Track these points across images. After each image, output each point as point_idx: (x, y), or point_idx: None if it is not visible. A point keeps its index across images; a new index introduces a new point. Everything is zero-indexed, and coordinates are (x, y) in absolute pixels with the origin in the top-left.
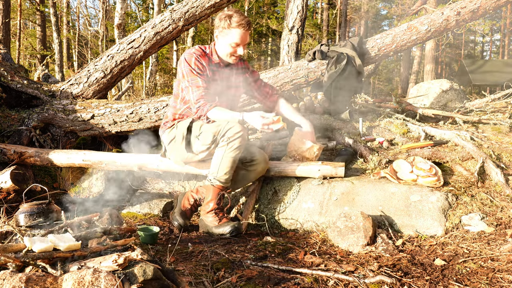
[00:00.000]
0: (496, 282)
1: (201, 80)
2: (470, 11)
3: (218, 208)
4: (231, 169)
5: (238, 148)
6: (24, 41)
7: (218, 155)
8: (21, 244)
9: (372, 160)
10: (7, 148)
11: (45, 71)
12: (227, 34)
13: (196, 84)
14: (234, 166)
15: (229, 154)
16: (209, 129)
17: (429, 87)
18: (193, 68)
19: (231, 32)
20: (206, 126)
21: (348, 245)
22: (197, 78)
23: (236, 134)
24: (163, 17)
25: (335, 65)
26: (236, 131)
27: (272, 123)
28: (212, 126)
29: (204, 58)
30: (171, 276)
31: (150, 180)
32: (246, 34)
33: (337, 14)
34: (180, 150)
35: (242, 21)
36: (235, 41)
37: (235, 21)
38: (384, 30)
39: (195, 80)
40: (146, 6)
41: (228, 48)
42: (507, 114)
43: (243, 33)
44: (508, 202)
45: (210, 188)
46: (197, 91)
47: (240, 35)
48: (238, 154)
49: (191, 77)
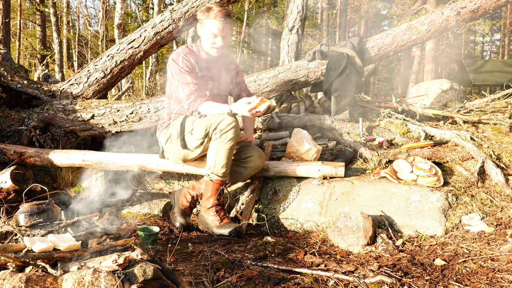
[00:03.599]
0: (496, 282)
1: (190, 77)
2: (470, 11)
3: (219, 204)
4: (227, 162)
5: (232, 139)
6: (24, 41)
7: (213, 149)
8: (21, 244)
9: (372, 160)
10: (7, 148)
11: (45, 71)
12: (206, 25)
13: (185, 81)
14: (230, 158)
15: (224, 146)
16: (201, 123)
17: (429, 87)
18: (181, 66)
19: (209, 23)
20: (198, 120)
21: (348, 245)
22: (185, 75)
23: (228, 126)
24: (163, 17)
25: (335, 65)
26: (228, 123)
27: (258, 105)
28: (204, 120)
29: (191, 55)
30: (171, 276)
31: (150, 180)
32: (225, 26)
33: (337, 14)
34: (176, 148)
35: (220, 12)
36: (213, 32)
37: (213, 12)
38: (384, 30)
39: (184, 78)
40: (146, 6)
41: (208, 39)
42: (507, 114)
43: (220, 24)
44: (508, 202)
45: (209, 184)
46: (187, 88)
47: (217, 25)
48: (233, 146)
49: (180, 75)
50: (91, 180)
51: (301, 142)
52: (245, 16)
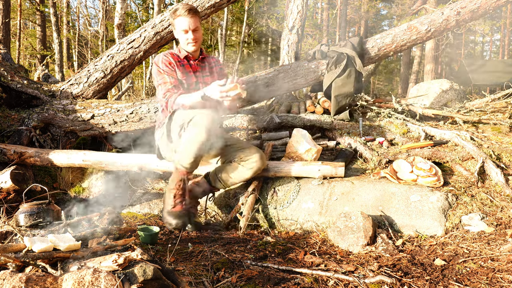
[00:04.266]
0: (496, 282)
1: (167, 77)
2: (470, 11)
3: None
4: (196, 156)
5: (204, 131)
6: (24, 41)
7: (183, 141)
8: (21, 244)
9: (372, 160)
10: (7, 148)
11: (45, 71)
12: (176, 24)
13: (163, 81)
14: (199, 154)
15: (194, 137)
16: (180, 116)
17: (429, 87)
18: (161, 68)
19: (177, 21)
20: (176, 115)
21: (348, 245)
22: (163, 75)
23: (200, 120)
24: (163, 17)
25: (335, 65)
26: (200, 118)
27: (230, 90)
28: (180, 115)
29: (173, 57)
30: (171, 276)
31: (150, 180)
32: (192, 20)
33: (337, 14)
34: (165, 143)
35: (183, 9)
36: (183, 28)
37: (178, 11)
38: (384, 30)
39: (162, 78)
40: (146, 6)
41: (182, 37)
42: (507, 114)
43: (187, 19)
44: (508, 202)
45: (176, 170)
46: (164, 87)
47: (183, 22)
48: (203, 144)
49: (159, 76)
50: (91, 180)
51: (301, 142)
52: (245, 16)
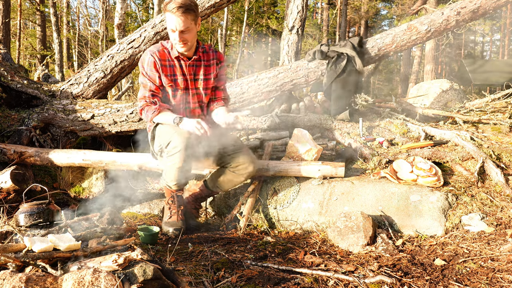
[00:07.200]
0: (496, 282)
1: (149, 81)
2: (470, 11)
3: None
4: (178, 178)
5: (178, 161)
6: (24, 41)
7: (164, 164)
8: (21, 244)
9: (372, 160)
10: (7, 148)
11: (45, 71)
12: (166, 20)
13: (143, 83)
14: (181, 175)
15: (171, 166)
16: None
17: (429, 87)
18: (144, 70)
19: (166, 17)
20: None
21: (348, 245)
22: (145, 79)
23: (174, 149)
24: (163, 17)
25: (335, 65)
26: (174, 146)
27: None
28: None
29: (162, 55)
30: (171, 276)
31: (150, 180)
32: (181, 19)
33: (337, 14)
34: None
35: (174, 4)
36: (170, 27)
37: (168, 5)
38: (384, 30)
39: (144, 81)
40: (146, 6)
41: (170, 35)
42: (507, 114)
43: (174, 18)
44: (508, 202)
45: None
46: (143, 90)
47: (171, 20)
48: (182, 166)
49: (142, 77)
50: (91, 180)
51: (301, 142)
52: (245, 16)
